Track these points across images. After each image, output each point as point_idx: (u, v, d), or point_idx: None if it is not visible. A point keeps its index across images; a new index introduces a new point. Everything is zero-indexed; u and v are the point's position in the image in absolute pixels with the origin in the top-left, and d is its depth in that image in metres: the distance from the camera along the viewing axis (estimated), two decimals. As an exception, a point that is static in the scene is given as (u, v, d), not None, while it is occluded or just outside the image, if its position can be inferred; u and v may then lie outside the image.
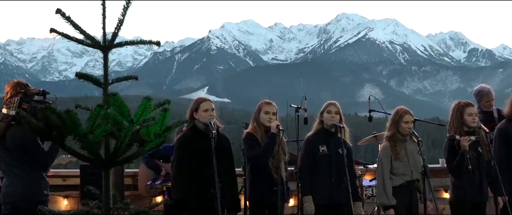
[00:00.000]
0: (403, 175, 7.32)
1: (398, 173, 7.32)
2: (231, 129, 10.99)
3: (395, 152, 7.32)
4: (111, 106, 3.80)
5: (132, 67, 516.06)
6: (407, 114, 7.45)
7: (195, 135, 6.80)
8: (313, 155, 7.27)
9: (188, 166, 6.70)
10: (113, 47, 4.02)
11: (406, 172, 7.33)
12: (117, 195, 4.07)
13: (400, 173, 7.31)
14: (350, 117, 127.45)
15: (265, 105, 7.29)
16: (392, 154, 7.32)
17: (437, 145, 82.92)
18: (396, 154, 7.31)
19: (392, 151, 7.33)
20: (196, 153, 6.68)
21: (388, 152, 7.34)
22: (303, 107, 8.91)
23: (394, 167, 7.32)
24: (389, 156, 7.33)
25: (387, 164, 7.33)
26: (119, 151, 3.84)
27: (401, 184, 7.31)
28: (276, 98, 8.49)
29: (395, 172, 7.33)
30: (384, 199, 7.25)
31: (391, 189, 7.26)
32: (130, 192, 9.90)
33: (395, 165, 7.32)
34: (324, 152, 7.25)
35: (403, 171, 7.31)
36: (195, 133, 6.81)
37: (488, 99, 9.23)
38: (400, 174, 7.32)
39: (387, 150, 7.37)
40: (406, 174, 7.33)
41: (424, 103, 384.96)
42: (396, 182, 7.31)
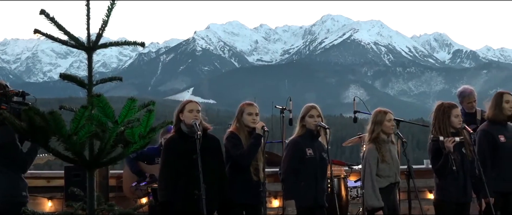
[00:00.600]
0: (388, 177, 7.34)
1: (384, 175, 7.33)
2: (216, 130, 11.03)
3: (382, 153, 7.34)
4: (95, 107, 3.79)
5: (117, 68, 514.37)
6: (388, 113, 7.48)
7: (180, 137, 6.80)
8: (300, 158, 7.26)
9: (174, 169, 6.69)
10: (98, 48, 4.01)
11: (391, 174, 7.35)
12: (101, 196, 4.06)
13: (386, 175, 7.33)
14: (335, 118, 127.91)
15: (248, 107, 7.26)
16: (379, 156, 7.34)
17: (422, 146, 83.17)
18: (383, 156, 7.33)
19: (378, 153, 7.34)
20: (182, 155, 6.68)
21: (375, 154, 7.35)
22: (288, 108, 8.92)
23: (380, 169, 7.33)
24: (376, 158, 7.33)
25: (374, 166, 7.33)
26: (104, 152, 3.83)
27: (387, 186, 7.33)
28: (261, 99, 8.49)
29: (381, 174, 7.34)
30: (374, 201, 7.24)
31: (378, 191, 7.28)
32: (115, 193, 9.87)
33: (381, 166, 7.33)
34: (311, 155, 7.25)
35: (388, 173, 7.33)
36: (180, 135, 6.81)
37: (470, 101, 9.27)
38: (386, 176, 7.34)
39: (373, 152, 7.36)
40: (390, 176, 7.35)
41: (408, 104, 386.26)
42: (381, 184, 7.32)
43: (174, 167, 6.70)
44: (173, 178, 6.68)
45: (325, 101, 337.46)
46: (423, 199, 10.56)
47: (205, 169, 6.36)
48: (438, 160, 7.35)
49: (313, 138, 7.35)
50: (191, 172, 6.50)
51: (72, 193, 4.35)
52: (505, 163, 7.68)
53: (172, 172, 6.70)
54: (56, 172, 10.51)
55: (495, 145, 7.69)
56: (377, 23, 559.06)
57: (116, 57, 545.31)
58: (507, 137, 7.73)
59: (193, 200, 6.45)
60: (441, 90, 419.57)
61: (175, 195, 6.64)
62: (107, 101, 3.81)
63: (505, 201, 7.68)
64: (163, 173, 6.79)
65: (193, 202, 6.46)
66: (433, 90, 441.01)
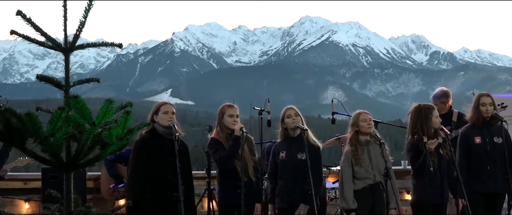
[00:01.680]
0: (365, 179, 7.36)
1: (360, 177, 7.36)
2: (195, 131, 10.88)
3: (356, 156, 7.35)
4: (72, 109, 3.77)
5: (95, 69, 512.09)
6: (362, 112, 7.52)
7: (153, 138, 6.79)
8: (275, 162, 7.44)
9: (144, 169, 6.68)
10: (75, 49, 3.99)
11: (368, 175, 7.35)
12: (78, 198, 4.04)
13: (362, 177, 7.35)
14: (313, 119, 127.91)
15: (228, 108, 7.28)
16: (353, 159, 7.36)
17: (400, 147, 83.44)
18: (357, 159, 7.34)
19: (353, 156, 7.37)
20: (153, 156, 6.67)
21: (349, 156, 7.38)
22: (266, 110, 8.92)
23: (356, 172, 7.36)
24: (350, 160, 7.36)
25: (348, 169, 7.36)
26: (81, 154, 3.81)
27: (363, 188, 7.35)
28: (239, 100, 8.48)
29: (357, 176, 7.36)
30: (344, 204, 7.31)
31: (352, 193, 7.29)
32: (93, 195, 9.83)
33: (356, 169, 7.35)
34: (282, 158, 7.35)
35: (365, 175, 7.34)
36: (153, 136, 6.80)
37: (442, 102, 9.30)
38: (363, 178, 7.35)
39: (348, 155, 7.40)
40: (368, 178, 7.36)
41: (386, 105, 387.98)
42: (358, 186, 7.35)
43: (144, 167, 6.69)
44: (143, 178, 6.67)
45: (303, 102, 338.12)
46: (401, 200, 10.60)
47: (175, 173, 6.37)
48: (417, 160, 7.39)
49: (292, 140, 7.38)
50: (162, 173, 6.52)
51: (49, 195, 4.32)
52: (481, 164, 7.72)
53: (141, 172, 6.69)
54: (33, 174, 10.46)
55: (469, 147, 7.75)
56: (355, 24, 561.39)
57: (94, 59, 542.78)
58: (484, 138, 7.76)
59: (163, 202, 6.46)
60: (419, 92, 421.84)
61: (145, 196, 6.63)
62: (84, 103, 3.79)
63: (488, 202, 7.71)
64: (132, 173, 6.78)
65: (163, 204, 6.47)
66: (411, 91, 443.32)
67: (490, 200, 7.74)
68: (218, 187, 7.38)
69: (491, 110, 7.78)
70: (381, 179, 7.39)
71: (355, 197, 7.30)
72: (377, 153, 7.42)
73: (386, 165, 7.24)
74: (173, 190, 6.53)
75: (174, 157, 6.44)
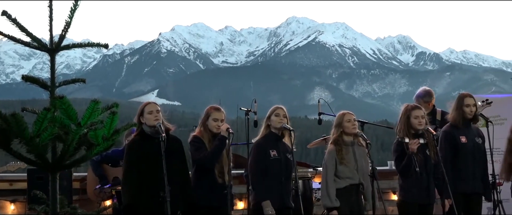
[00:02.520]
0: (347, 179, 7.37)
1: (343, 177, 7.37)
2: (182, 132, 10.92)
3: (340, 156, 7.37)
4: (58, 109, 3.76)
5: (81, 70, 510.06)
6: (347, 113, 7.53)
7: (142, 139, 6.76)
8: (265, 160, 7.28)
9: (137, 171, 6.65)
10: (60, 50, 3.98)
11: (351, 175, 7.37)
12: (64, 199, 4.03)
13: (345, 176, 7.36)
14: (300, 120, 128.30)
15: (214, 112, 7.23)
16: (337, 157, 7.37)
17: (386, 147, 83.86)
18: (341, 158, 7.36)
19: (337, 155, 7.38)
20: (145, 157, 6.64)
21: (333, 155, 7.39)
22: (253, 110, 8.92)
23: (339, 171, 7.36)
24: (334, 159, 7.37)
25: (331, 167, 7.37)
26: (67, 155, 3.81)
27: (345, 187, 7.36)
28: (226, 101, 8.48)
29: (340, 175, 7.37)
30: (327, 201, 7.31)
31: (334, 191, 7.30)
32: (79, 196, 9.80)
33: (340, 168, 7.36)
34: (275, 157, 7.27)
35: (348, 174, 7.36)
36: (142, 137, 6.77)
37: (424, 101, 9.32)
38: (345, 178, 7.36)
39: (332, 154, 7.41)
40: (351, 177, 7.38)
41: (373, 106, 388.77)
42: (340, 184, 7.36)
43: (137, 169, 6.66)
44: (136, 181, 6.63)
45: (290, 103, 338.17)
46: (387, 200, 10.65)
47: (169, 171, 6.34)
48: (401, 161, 7.41)
49: (277, 139, 7.36)
50: (155, 174, 6.47)
51: (35, 196, 4.32)
52: (466, 164, 7.77)
53: (134, 174, 6.66)
54: (19, 175, 10.40)
55: (456, 146, 7.79)
56: (342, 25, 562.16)
57: (80, 59, 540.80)
58: (468, 138, 7.82)
59: (157, 202, 6.43)
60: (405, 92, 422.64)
61: (139, 198, 6.60)
62: (70, 103, 3.78)
63: (467, 202, 7.77)
64: (126, 176, 6.74)
65: (157, 204, 6.43)
66: (397, 92, 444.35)
67: (470, 200, 7.79)
68: (192, 185, 7.28)
69: (474, 111, 7.85)
70: (363, 180, 7.41)
71: (337, 195, 7.31)
72: (362, 154, 7.45)
73: (372, 166, 7.25)
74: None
75: (166, 156, 6.42)
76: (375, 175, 7.22)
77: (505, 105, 10.00)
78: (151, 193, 6.54)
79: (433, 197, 7.60)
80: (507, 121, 10.47)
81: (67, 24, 3.92)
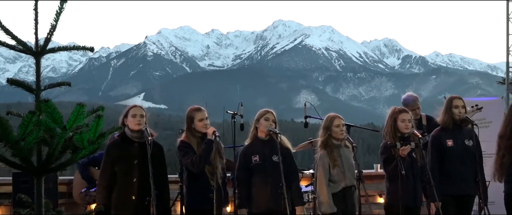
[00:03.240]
0: (341, 181, 7.40)
1: (337, 180, 7.40)
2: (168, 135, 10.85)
3: (333, 158, 7.40)
4: (43, 113, 3.74)
5: (67, 73, 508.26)
6: (336, 117, 7.55)
7: (123, 142, 6.75)
8: (247, 166, 7.29)
9: (110, 174, 6.66)
10: (46, 53, 3.97)
11: (342, 178, 7.40)
12: (49, 203, 4.01)
13: (339, 179, 7.40)
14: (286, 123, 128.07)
15: (197, 113, 7.23)
16: (330, 161, 7.39)
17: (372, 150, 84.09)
18: (334, 161, 7.39)
19: (329, 159, 7.39)
20: (122, 159, 6.64)
21: (326, 159, 7.41)
22: (239, 114, 8.92)
23: (333, 174, 7.40)
24: (327, 163, 7.40)
25: (326, 173, 7.39)
26: (52, 158, 3.79)
27: (340, 190, 7.39)
28: (212, 104, 8.48)
29: (334, 179, 7.40)
30: (326, 208, 7.32)
31: (331, 196, 7.34)
32: (65, 199, 9.76)
33: (333, 172, 7.39)
34: (256, 162, 7.27)
35: (341, 177, 7.39)
36: (123, 140, 6.76)
37: (413, 107, 9.36)
38: (338, 181, 7.40)
39: (324, 158, 7.43)
40: (342, 181, 7.40)
41: (359, 109, 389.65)
42: (334, 189, 7.39)
43: (111, 171, 6.66)
44: (110, 182, 6.65)
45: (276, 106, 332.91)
46: (373, 203, 10.67)
47: (146, 175, 6.35)
48: (389, 163, 7.43)
49: (263, 143, 7.35)
50: (130, 178, 6.48)
51: (20, 200, 4.29)
52: (454, 167, 7.79)
53: (109, 176, 6.67)
54: (4, 178, 10.36)
55: (442, 149, 7.81)
56: (328, 28, 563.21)
57: (66, 62, 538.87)
58: (456, 141, 7.84)
59: (128, 206, 6.45)
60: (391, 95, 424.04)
61: (112, 200, 6.61)
62: (55, 107, 3.77)
63: (458, 204, 7.78)
64: (101, 177, 6.76)
65: (128, 208, 6.46)
66: (383, 95, 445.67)
67: (460, 202, 7.81)
68: (186, 190, 7.32)
69: (463, 113, 7.87)
70: (353, 182, 7.43)
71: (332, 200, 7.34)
72: (348, 156, 7.48)
73: (358, 169, 7.28)
74: (139, 195, 6.53)
75: (141, 161, 6.44)
76: (361, 178, 7.24)
77: (490, 108, 10.06)
78: (122, 196, 6.57)
79: (419, 200, 7.63)
80: (493, 124, 10.54)
81: (53, 27, 3.90)
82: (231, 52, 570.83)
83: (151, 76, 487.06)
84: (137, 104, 7.08)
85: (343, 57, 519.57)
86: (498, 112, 10.75)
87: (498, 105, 11.57)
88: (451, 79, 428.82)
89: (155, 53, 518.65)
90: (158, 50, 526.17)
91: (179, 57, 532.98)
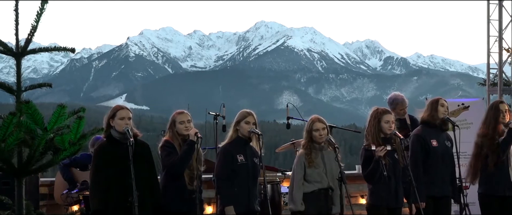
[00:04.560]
0: (316, 183, 7.42)
1: (312, 180, 7.42)
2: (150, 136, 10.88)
3: (309, 159, 7.43)
4: (24, 114, 3.72)
5: (48, 74, 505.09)
6: (317, 121, 7.56)
7: (110, 144, 6.70)
8: (232, 165, 7.27)
9: (104, 176, 6.60)
10: (27, 54, 3.95)
11: (320, 179, 7.43)
12: (30, 204, 3.99)
13: (314, 180, 7.42)
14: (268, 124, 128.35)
15: (179, 115, 7.24)
16: (305, 161, 7.42)
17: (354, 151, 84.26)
18: (310, 162, 7.42)
19: (306, 159, 7.43)
20: (113, 162, 6.59)
21: (302, 159, 7.46)
22: (221, 115, 8.93)
23: (308, 174, 7.43)
24: (302, 163, 7.44)
25: (300, 171, 7.43)
26: (33, 160, 3.77)
27: (313, 191, 7.41)
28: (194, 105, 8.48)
29: (309, 179, 7.44)
30: (292, 205, 7.40)
31: (300, 195, 7.38)
32: (46, 201, 9.70)
33: (308, 172, 7.42)
34: (242, 162, 7.26)
35: (317, 178, 7.42)
36: (110, 142, 6.71)
37: (402, 107, 9.42)
38: (314, 182, 7.42)
39: (301, 157, 7.49)
40: (319, 181, 7.43)
41: (341, 110, 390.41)
42: (308, 188, 7.42)
43: (105, 174, 6.60)
44: (104, 186, 6.58)
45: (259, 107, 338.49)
46: (355, 204, 10.69)
47: (137, 176, 6.31)
48: (368, 166, 7.47)
49: (245, 144, 7.36)
50: (123, 179, 6.43)
51: (0, 202, 4.27)
52: (436, 167, 7.84)
53: (102, 179, 6.61)
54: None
55: (427, 149, 7.85)
56: (310, 30, 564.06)
57: (47, 63, 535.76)
58: (439, 142, 7.89)
59: (125, 208, 6.39)
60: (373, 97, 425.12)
61: (107, 203, 6.55)
62: (36, 108, 3.75)
63: (436, 206, 7.83)
64: (94, 181, 6.68)
65: (125, 210, 6.40)
66: (365, 96, 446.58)
67: (440, 203, 7.87)
68: (162, 191, 7.25)
69: (446, 114, 7.94)
70: (332, 184, 7.46)
71: (304, 199, 7.36)
72: (331, 158, 7.49)
73: (340, 170, 7.30)
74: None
75: (134, 161, 6.38)
76: (343, 179, 7.26)
77: (471, 109, 10.12)
78: (119, 199, 6.51)
79: (401, 201, 7.66)
80: (473, 125, 10.60)
81: (34, 28, 3.89)
82: (213, 53, 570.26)
83: (133, 77, 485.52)
84: (123, 106, 7.03)
85: (325, 59, 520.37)
86: (479, 113, 10.81)
87: (479, 106, 11.65)
88: (432, 80, 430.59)
89: (137, 54, 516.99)
90: (140, 51, 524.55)
91: (161, 58, 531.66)
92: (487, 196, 8.05)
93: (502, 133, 7.95)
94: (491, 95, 16.47)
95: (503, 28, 16.19)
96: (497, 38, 16.21)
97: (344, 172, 7.36)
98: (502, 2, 16.18)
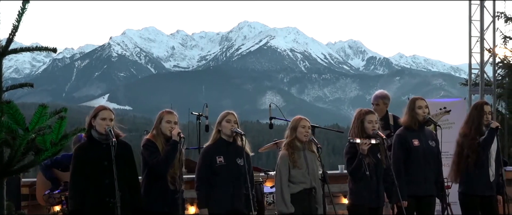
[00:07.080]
0: (301, 183, 7.43)
1: (296, 181, 7.43)
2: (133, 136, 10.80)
3: (293, 160, 7.43)
4: (5, 114, 3.71)
5: (30, 74, 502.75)
6: (302, 119, 7.58)
7: (90, 144, 6.67)
8: (211, 166, 7.27)
9: (83, 177, 6.57)
10: (8, 54, 3.93)
11: (304, 180, 7.44)
12: (11, 205, 3.98)
13: (298, 181, 7.42)
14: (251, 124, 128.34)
15: (167, 114, 7.21)
16: (290, 162, 7.42)
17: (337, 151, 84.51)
18: (294, 162, 7.42)
19: (290, 159, 7.43)
20: (92, 162, 6.56)
21: (286, 160, 7.44)
22: (204, 115, 8.93)
23: (292, 175, 7.42)
24: (287, 163, 7.43)
25: (285, 172, 7.43)
26: (14, 160, 3.76)
27: (299, 191, 7.42)
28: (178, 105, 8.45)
29: (293, 180, 7.43)
30: (282, 207, 7.36)
31: (289, 196, 7.37)
32: (28, 202, 9.65)
33: (293, 173, 7.42)
34: (221, 163, 7.25)
35: (301, 179, 7.42)
36: (90, 142, 6.68)
37: (385, 103, 9.42)
38: (299, 182, 7.43)
39: (285, 158, 7.47)
40: (303, 182, 7.44)
41: (324, 110, 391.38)
42: (294, 189, 7.41)
43: (84, 174, 6.58)
44: (82, 186, 6.56)
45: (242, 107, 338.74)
46: (338, 204, 10.72)
47: (118, 176, 6.28)
48: (353, 163, 7.48)
49: (228, 145, 7.35)
50: (101, 180, 6.42)
51: (-19, 203, 4.24)
52: (418, 167, 7.86)
53: (81, 179, 6.58)
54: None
55: (409, 149, 7.87)
56: (293, 30, 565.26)
57: (29, 63, 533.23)
58: (421, 141, 7.91)
59: (103, 208, 6.38)
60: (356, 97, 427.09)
61: (85, 204, 6.53)
62: (17, 108, 3.74)
63: (418, 205, 7.86)
64: (72, 181, 6.65)
65: (103, 210, 6.39)
66: (348, 96, 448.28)
67: (422, 203, 7.89)
68: (144, 191, 7.21)
69: (427, 113, 7.96)
70: (315, 184, 7.47)
71: (291, 200, 7.36)
72: (313, 158, 7.51)
73: (323, 170, 7.31)
74: (112, 196, 6.44)
75: (111, 162, 6.35)
76: (325, 179, 7.27)
77: (453, 109, 10.16)
78: (97, 199, 6.49)
79: (382, 201, 7.68)
80: (455, 125, 10.68)
81: (15, 28, 3.87)
82: (196, 53, 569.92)
83: (116, 77, 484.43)
84: (106, 107, 6.99)
85: (308, 59, 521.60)
86: (460, 113, 10.90)
87: (461, 106, 11.73)
88: (414, 80, 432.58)
89: (119, 54, 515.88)
90: (123, 51, 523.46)
91: (144, 58, 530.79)
92: (467, 196, 8.11)
93: (483, 133, 8.01)
94: (472, 95, 16.55)
95: (484, 28, 16.25)
96: (479, 38, 16.27)
97: (326, 172, 7.37)
98: (484, 2, 16.25)
